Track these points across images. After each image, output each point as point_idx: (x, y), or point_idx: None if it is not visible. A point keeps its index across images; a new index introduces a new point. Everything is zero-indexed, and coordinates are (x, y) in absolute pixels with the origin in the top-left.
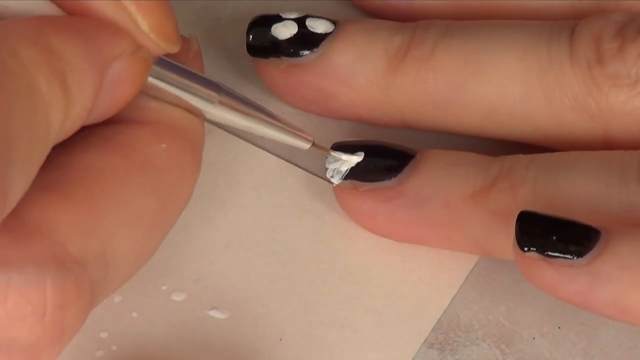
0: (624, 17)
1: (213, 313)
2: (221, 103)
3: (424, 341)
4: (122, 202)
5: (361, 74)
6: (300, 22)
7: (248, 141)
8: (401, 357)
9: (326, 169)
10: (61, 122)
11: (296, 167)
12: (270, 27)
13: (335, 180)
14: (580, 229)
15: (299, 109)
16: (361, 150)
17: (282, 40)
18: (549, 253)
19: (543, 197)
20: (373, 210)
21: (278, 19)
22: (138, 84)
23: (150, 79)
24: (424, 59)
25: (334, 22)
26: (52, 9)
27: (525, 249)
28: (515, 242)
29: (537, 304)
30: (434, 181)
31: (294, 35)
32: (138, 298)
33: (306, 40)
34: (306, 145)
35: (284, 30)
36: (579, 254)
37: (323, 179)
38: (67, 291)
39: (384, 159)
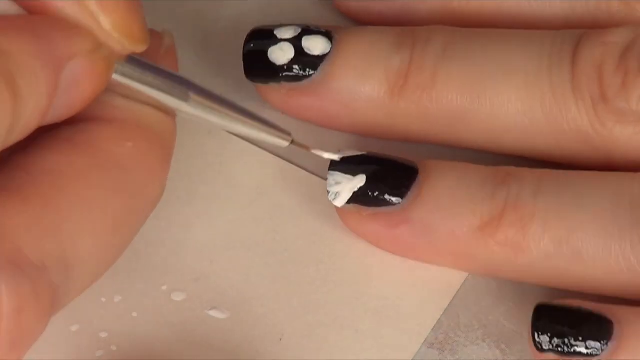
0: (624, 38)
1: (213, 313)
2: (193, 101)
3: (424, 341)
4: (84, 203)
5: (362, 99)
6: (297, 42)
7: (248, 141)
8: (402, 357)
9: (327, 191)
10: (9, 124)
11: (296, 167)
12: (266, 50)
13: (338, 204)
14: (594, 326)
15: None
16: (362, 173)
17: (279, 66)
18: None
19: (552, 239)
20: (378, 234)
21: (273, 39)
22: (99, 84)
23: (117, 77)
24: (426, 88)
25: (330, 37)
26: (13, 8)
27: (542, 348)
28: (532, 342)
29: None
30: (439, 209)
31: (292, 59)
32: (138, 298)
33: (304, 65)
34: (284, 143)
35: (281, 55)
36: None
37: (323, 178)
38: (24, 295)
39: (385, 184)
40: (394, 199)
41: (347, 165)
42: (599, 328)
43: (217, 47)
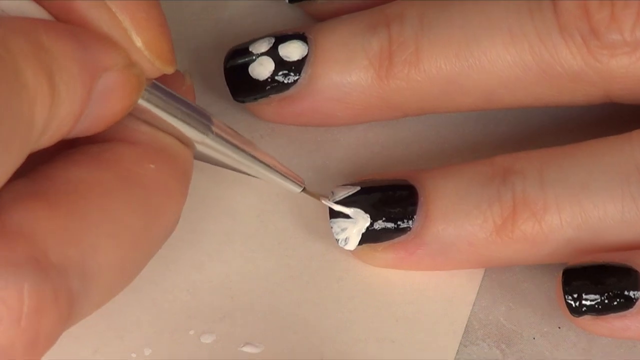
0: None
1: (247, 349)
2: (214, 135)
3: None
4: (106, 217)
5: (352, 89)
6: (274, 52)
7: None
8: (444, 357)
9: (336, 239)
10: (45, 120)
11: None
12: (246, 69)
13: (350, 248)
14: (622, 276)
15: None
16: (360, 208)
17: (263, 81)
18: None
19: (570, 223)
20: (397, 262)
21: (250, 56)
22: (129, 101)
23: (143, 102)
24: (412, 62)
25: (304, 38)
26: (42, 13)
27: (578, 311)
28: (566, 306)
29: (537, 304)
30: (451, 223)
31: (273, 71)
32: (168, 347)
33: (287, 73)
34: (296, 190)
35: (262, 70)
36: (630, 305)
37: (323, 196)
38: (44, 296)
39: (390, 217)
40: (403, 226)
41: (346, 209)
42: (627, 278)
43: (215, 47)
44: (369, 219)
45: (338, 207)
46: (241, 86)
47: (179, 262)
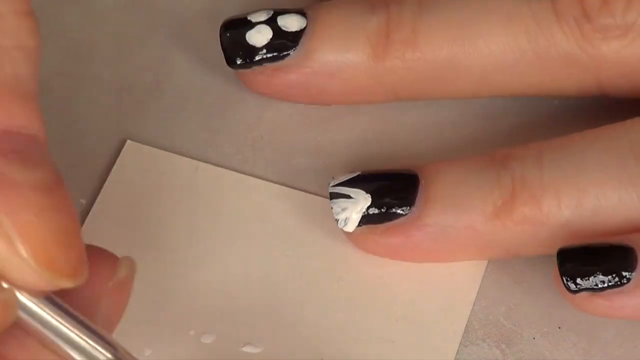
0: None
1: (247, 349)
2: None
3: None
4: None
5: (348, 66)
6: (272, 23)
7: (235, 170)
8: (444, 358)
9: (336, 220)
10: None
11: (291, 189)
12: (243, 35)
13: (349, 229)
14: (617, 254)
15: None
16: (364, 192)
17: (260, 48)
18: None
19: (568, 205)
20: (395, 247)
21: (248, 24)
22: None
23: (28, 317)
24: (408, 42)
25: (303, 13)
26: None
27: (574, 290)
28: (563, 286)
29: (537, 304)
30: (451, 206)
31: (271, 39)
32: (168, 348)
33: (284, 41)
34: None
35: (259, 37)
36: (626, 280)
37: (321, 196)
38: None
39: (391, 196)
40: (404, 209)
41: (347, 189)
42: (623, 256)
43: (215, 48)
44: (370, 199)
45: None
46: (236, 52)
47: (178, 262)
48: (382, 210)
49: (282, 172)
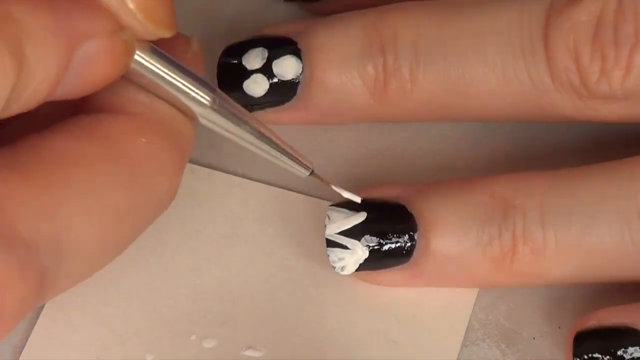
0: (591, 14)
1: (249, 353)
2: (216, 107)
3: None
4: (87, 191)
5: (347, 110)
6: (268, 71)
7: (232, 173)
8: (447, 357)
9: (333, 267)
10: (10, 88)
11: (290, 192)
12: (240, 85)
13: (347, 273)
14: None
15: None
16: (361, 243)
17: (257, 97)
18: None
19: (570, 265)
20: (394, 283)
21: (244, 72)
22: (116, 67)
23: (139, 68)
24: (406, 91)
25: (297, 52)
26: None
27: None
28: None
29: (537, 304)
30: (450, 260)
31: (268, 90)
32: (170, 353)
33: (282, 91)
34: (304, 173)
35: (256, 87)
36: None
37: (321, 199)
38: (10, 270)
39: (389, 253)
40: (402, 260)
41: (344, 239)
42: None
43: (215, 47)
44: (367, 252)
45: (347, 194)
46: (235, 97)
47: (179, 267)
48: (380, 261)
49: (281, 174)
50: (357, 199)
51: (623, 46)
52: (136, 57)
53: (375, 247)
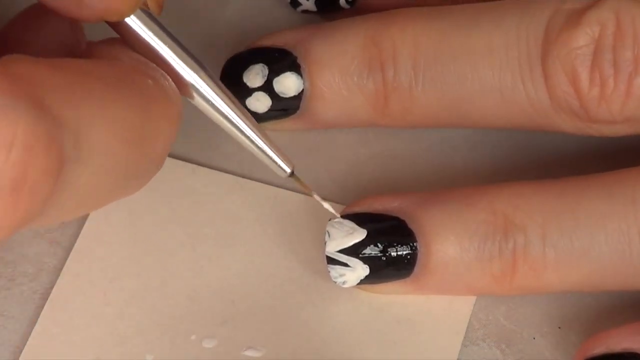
0: (588, 40)
1: (249, 353)
2: (207, 78)
3: None
4: (106, 101)
5: (348, 122)
6: (269, 89)
7: (232, 173)
8: (447, 358)
9: (334, 282)
10: None
11: (291, 192)
12: (243, 100)
13: (347, 286)
14: None
15: None
16: (362, 262)
17: (261, 113)
18: None
19: (569, 282)
20: (395, 291)
21: (245, 90)
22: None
23: (137, 28)
24: (406, 107)
25: (297, 69)
26: None
27: None
28: None
29: (537, 304)
30: (450, 275)
31: (271, 106)
32: (170, 352)
33: (284, 107)
34: (283, 173)
35: (259, 105)
36: None
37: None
38: (37, 135)
39: (389, 271)
40: (402, 277)
41: (345, 257)
42: None
43: (217, 47)
44: (368, 269)
45: (327, 205)
46: None
47: (178, 267)
48: (380, 276)
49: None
50: (336, 214)
51: (622, 71)
52: (139, 24)
53: (376, 263)
